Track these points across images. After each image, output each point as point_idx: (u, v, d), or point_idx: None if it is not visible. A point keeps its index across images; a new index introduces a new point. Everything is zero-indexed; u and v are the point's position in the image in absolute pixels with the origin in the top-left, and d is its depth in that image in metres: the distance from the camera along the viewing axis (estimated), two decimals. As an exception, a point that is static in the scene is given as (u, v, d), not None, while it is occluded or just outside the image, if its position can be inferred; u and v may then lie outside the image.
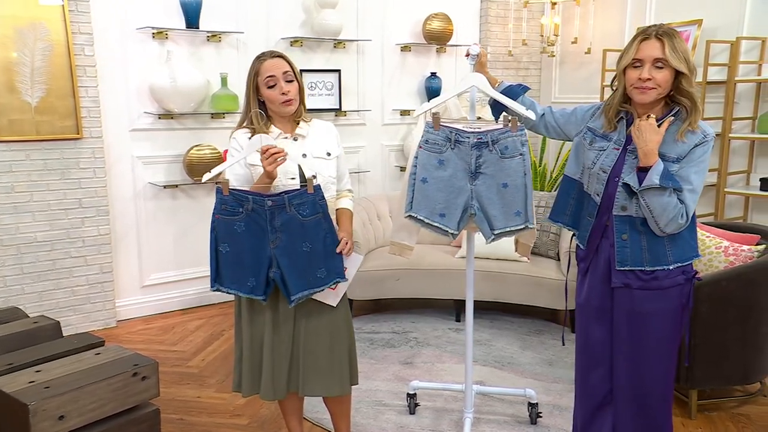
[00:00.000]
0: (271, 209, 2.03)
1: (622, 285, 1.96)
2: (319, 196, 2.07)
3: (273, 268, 2.06)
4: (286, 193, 2.04)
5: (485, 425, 2.72)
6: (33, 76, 3.47)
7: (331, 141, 2.22)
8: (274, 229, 2.04)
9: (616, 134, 1.97)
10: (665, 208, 1.81)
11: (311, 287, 2.09)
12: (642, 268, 1.91)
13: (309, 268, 2.08)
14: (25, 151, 3.50)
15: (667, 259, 1.91)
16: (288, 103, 2.11)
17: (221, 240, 2.07)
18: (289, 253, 2.05)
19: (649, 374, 2.01)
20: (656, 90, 1.84)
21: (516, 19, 5.24)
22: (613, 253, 1.95)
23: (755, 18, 4.04)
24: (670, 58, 1.79)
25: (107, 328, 3.85)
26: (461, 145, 2.21)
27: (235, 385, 2.25)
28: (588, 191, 2.03)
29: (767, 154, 4.09)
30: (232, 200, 2.04)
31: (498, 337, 3.70)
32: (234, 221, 2.04)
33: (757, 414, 2.82)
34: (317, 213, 2.07)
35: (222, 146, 4.10)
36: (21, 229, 3.55)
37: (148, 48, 3.90)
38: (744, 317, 2.68)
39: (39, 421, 1.79)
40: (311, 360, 2.15)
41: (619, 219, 1.93)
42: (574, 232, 2.13)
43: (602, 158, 1.96)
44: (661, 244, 1.90)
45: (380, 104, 4.87)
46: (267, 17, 4.28)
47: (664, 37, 1.81)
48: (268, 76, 2.10)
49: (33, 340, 2.28)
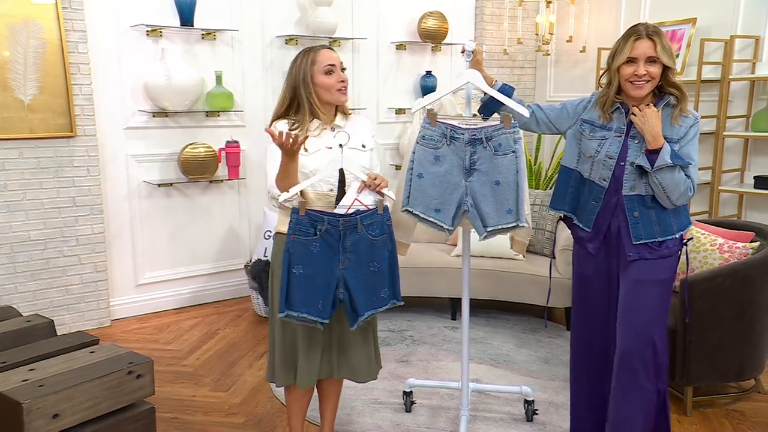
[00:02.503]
0: (344, 229, 2.06)
1: (638, 257, 2.13)
2: (386, 217, 2.13)
3: (341, 289, 2.08)
4: (358, 214, 2.08)
5: (481, 423, 2.72)
6: (26, 74, 3.45)
7: (366, 134, 2.27)
8: (344, 250, 2.07)
9: (615, 123, 2.15)
10: (677, 183, 2.04)
11: (375, 307, 2.14)
12: (654, 239, 2.11)
13: (375, 287, 2.13)
14: (18, 149, 3.48)
15: (672, 229, 2.13)
16: (343, 90, 2.18)
17: (295, 262, 2.04)
18: (357, 274, 2.09)
19: (650, 335, 2.14)
20: (650, 83, 2.06)
21: (511, 18, 5.25)
22: (625, 229, 2.14)
23: (749, 16, 4.05)
24: (661, 55, 2.02)
25: (101, 327, 3.83)
26: (456, 141, 2.21)
27: (269, 375, 2.30)
28: (591, 178, 2.18)
29: (761, 152, 4.11)
30: (308, 221, 2.04)
31: (494, 335, 3.70)
32: (310, 242, 2.05)
33: (751, 410, 2.83)
34: (384, 233, 2.13)
35: (217, 145, 4.09)
36: (14, 228, 3.52)
37: (143, 46, 3.88)
38: (739, 314, 2.69)
39: (33, 420, 1.78)
40: (346, 345, 2.23)
41: (629, 198, 2.12)
42: (572, 218, 2.26)
43: (606, 146, 2.14)
44: (667, 217, 2.12)
45: (375, 103, 4.86)
46: (262, 15, 4.27)
47: (654, 36, 2.03)
48: (328, 64, 2.16)
49: (27, 339, 2.26)
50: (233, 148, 4.11)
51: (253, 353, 3.47)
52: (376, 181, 2.13)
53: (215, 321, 3.97)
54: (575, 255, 2.33)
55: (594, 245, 2.22)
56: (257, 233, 4.32)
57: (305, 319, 2.07)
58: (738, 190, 4.09)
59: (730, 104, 4.12)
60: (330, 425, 2.47)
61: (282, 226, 2.19)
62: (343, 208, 2.09)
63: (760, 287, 2.71)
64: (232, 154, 4.12)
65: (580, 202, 2.23)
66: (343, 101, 2.22)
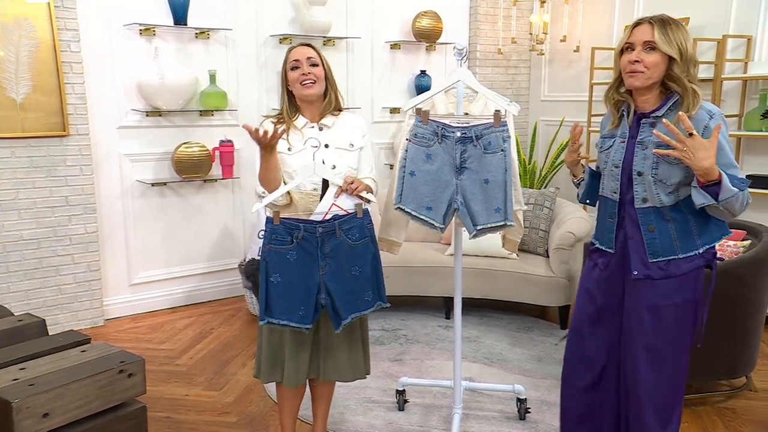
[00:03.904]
0: (322, 236, 2.06)
1: (644, 276, 1.90)
2: (367, 220, 2.13)
3: (322, 294, 2.09)
4: (336, 219, 2.07)
5: (474, 421, 2.73)
6: (18, 73, 3.43)
7: (356, 133, 2.24)
8: (323, 255, 2.07)
9: (620, 129, 1.95)
10: (741, 202, 1.78)
11: (359, 310, 2.14)
12: (675, 256, 1.87)
13: (358, 291, 2.13)
14: (10, 148, 3.47)
15: (695, 244, 1.87)
16: (308, 84, 2.13)
17: (272, 270, 2.06)
18: (338, 279, 2.09)
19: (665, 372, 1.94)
20: (644, 74, 1.82)
21: (505, 17, 5.25)
22: (632, 247, 1.91)
23: (741, 16, 4.07)
24: (659, 41, 1.79)
25: (95, 326, 3.82)
26: (447, 139, 2.22)
27: (256, 371, 2.30)
28: (604, 193, 2.00)
29: (753, 152, 4.12)
30: (283, 230, 2.05)
31: (487, 334, 3.71)
32: (286, 250, 2.05)
33: (743, 408, 2.84)
34: (365, 237, 2.13)
35: (211, 144, 4.08)
36: (6, 227, 3.51)
37: (136, 45, 3.87)
38: (731, 312, 2.70)
39: (22, 419, 1.77)
40: (332, 347, 2.22)
41: (642, 211, 1.88)
42: (594, 243, 2.07)
43: (612, 154, 1.95)
44: (689, 232, 1.87)
45: (370, 102, 4.86)
46: (256, 14, 4.26)
47: (655, 21, 1.82)
48: (293, 60, 2.16)
49: (17, 338, 2.26)
50: (227, 148, 4.11)
51: (247, 352, 3.46)
52: (352, 185, 2.11)
53: (209, 320, 3.96)
54: (584, 267, 2.16)
55: (604, 260, 2.02)
56: (251, 232, 4.31)
57: (287, 326, 2.08)
58: (731, 189, 4.10)
59: (723, 104, 4.12)
60: (323, 424, 2.48)
61: None
62: (320, 214, 2.09)
63: (752, 285, 2.72)
64: (226, 153, 4.11)
65: (599, 223, 2.04)
66: (308, 96, 2.14)
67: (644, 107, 1.89)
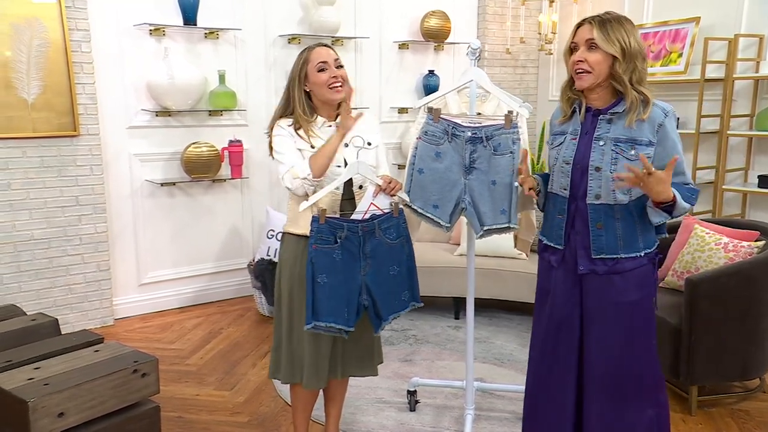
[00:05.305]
0: (363, 235, 2.06)
1: (589, 271, 1.94)
2: (402, 220, 2.13)
3: (364, 296, 2.08)
4: (374, 218, 2.07)
5: (485, 422, 2.72)
6: (29, 73, 3.44)
7: (371, 131, 2.25)
8: (364, 256, 2.07)
9: (571, 126, 1.96)
10: (691, 203, 1.86)
11: (397, 310, 2.16)
12: (617, 255, 1.90)
13: (395, 291, 2.14)
14: (21, 148, 3.48)
15: (638, 246, 1.91)
16: (336, 87, 2.12)
17: (319, 271, 2.02)
18: (378, 279, 2.09)
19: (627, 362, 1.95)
20: (591, 74, 1.85)
21: (514, 17, 5.24)
22: (579, 242, 1.94)
23: (753, 15, 4.04)
24: (599, 39, 1.83)
25: (105, 326, 3.83)
26: (457, 138, 2.21)
27: (272, 372, 2.28)
28: (553, 190, 2.01)
29: (765, 151, 4.10)
30: (328, 229, 2.02)
31: (497, 335, 3.70)
32: (332, 250, 2.03)
33: (756, 410, 2.82)
34: (401, 236, 2.13)
35: (220, 144, 4.09)
36: (17, 227, 3.52)
37: (146, 45, 3.88)
38: (743, 313, 2.68)
39: (38, 418, 1.78)
40: (352, 344, 2.22)
41: (593, 207, 1.90)
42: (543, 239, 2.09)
43: (563, 151, 1.95)
44: (633, 233, 1.90)
45: (378, 102, 4.86)
46: (265, 14, 4.26)
47: (595, 21, 1.87)
48: (320, 62, 2.12)
49: (31, 338, 2.26)
50: (236, 147, 4.11)
51: (257, 352, 3.46)
52: (390, 184, 2.12)
53: (218, 320, 3.97)
54: (539, 267, 2.17)
55: (556, 257, 2.03)
56: (260, 232, 4.31)
57: (331, 329, 2.04)
58: (742, 189, 4.08)
59: (734, 103, 4.11)
60: (335, 424, 2.47)
61: (292, 227, 2.18)
62: (360, 213, 2.08)
63: (765, 286, 2.70)
64: (235, 153, 4.11)
65: (547, 219, 2.06)
66: (336, 99, 2.14)
67: (596, 104, 1.92)
